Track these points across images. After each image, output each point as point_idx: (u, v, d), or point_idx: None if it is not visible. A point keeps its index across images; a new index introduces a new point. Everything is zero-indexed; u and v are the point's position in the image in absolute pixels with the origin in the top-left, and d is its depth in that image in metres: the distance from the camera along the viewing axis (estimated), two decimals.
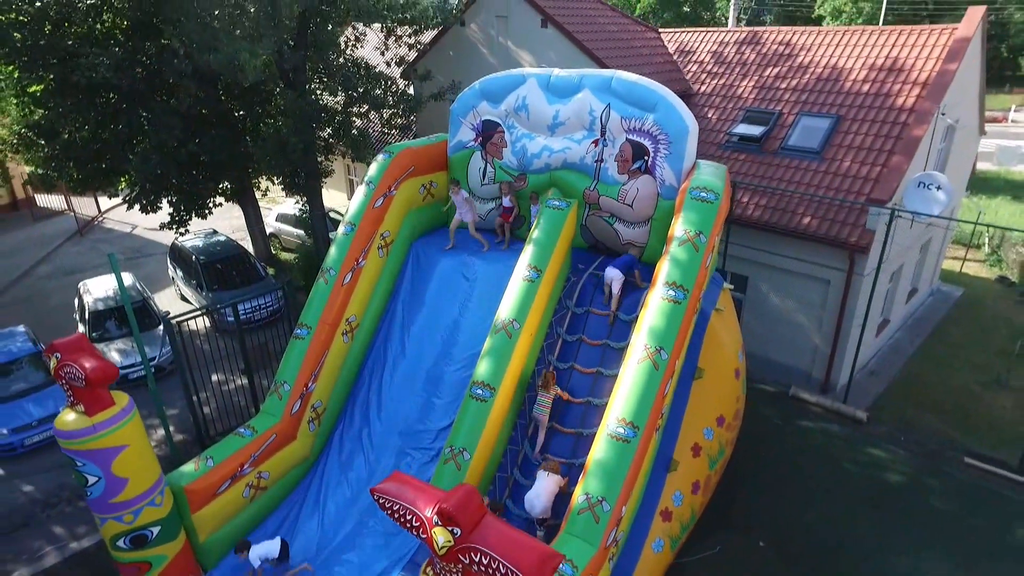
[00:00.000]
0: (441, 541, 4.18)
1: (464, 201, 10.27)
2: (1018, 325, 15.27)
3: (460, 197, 10.24)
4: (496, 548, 4.08)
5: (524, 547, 4.16)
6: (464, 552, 4.16)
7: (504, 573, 4.05)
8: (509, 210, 10.21)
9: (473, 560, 4.14)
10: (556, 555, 4.29)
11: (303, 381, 8.88)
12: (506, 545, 4.13)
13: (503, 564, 4.01)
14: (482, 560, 4.09)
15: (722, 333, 8.73)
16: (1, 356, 12.13)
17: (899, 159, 11.26)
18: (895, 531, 9.31)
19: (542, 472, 7.42)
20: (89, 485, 6.59)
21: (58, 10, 13.08)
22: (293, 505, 8.61)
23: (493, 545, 4.10)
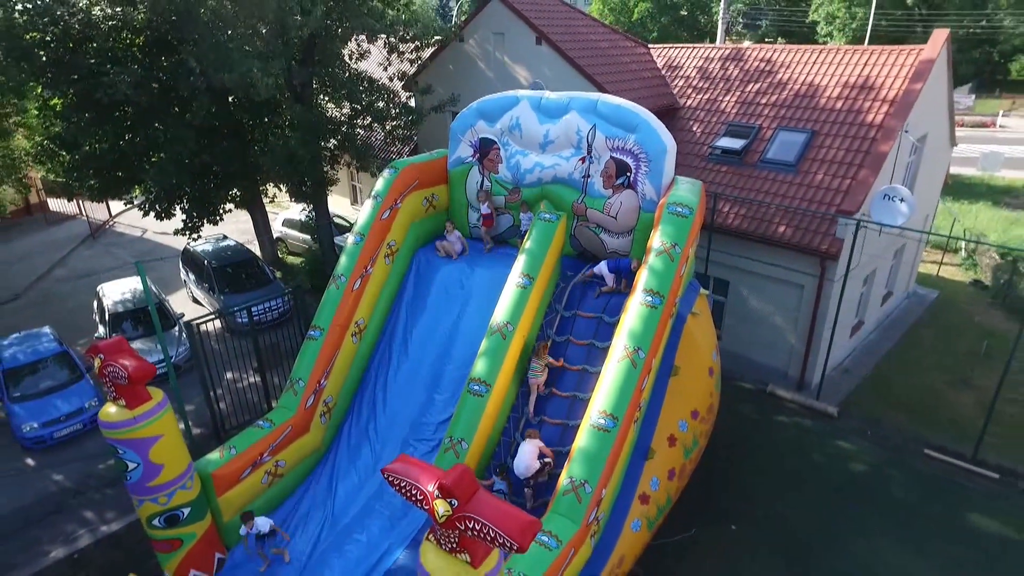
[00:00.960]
0: (441, 511, 5.02)
1: (457, 239, 11.14)
2: (987, 327, 16.13)
3: (454, 236, 11.13)
4: (487, 516, 4.92)
5: (510, 516, 5.00)
6: (460, 520, 4.99)
7: (493, 537, 4.88)
8: (489, 216, 11.14)
9: (468, 527, 4.97)
10: (536, 523, 5.13)
11: (316, 378, 9.73)
12: (495, 514, 4.97)
13: (493, 529, 4.85)
14: (475, 526, 4.93)
15: (697, 334, 9.59)
16: (30, 356, 12.99)
17: (866, 173, 12.12)
18: (858, 517, 10.17)
19: (524, 441, 8.39)
20: (129, 470, 7.43)
21: (80, 30, 13.90)
22: (307, 490, 9.47)
23: (484, 514, 4.94)
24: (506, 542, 4.82)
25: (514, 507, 5.18)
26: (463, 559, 5.19)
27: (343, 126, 16.35)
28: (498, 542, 4.87)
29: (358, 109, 16.17)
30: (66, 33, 13.77)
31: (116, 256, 22.37)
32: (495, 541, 4.89)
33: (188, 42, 13.59)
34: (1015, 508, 10.26)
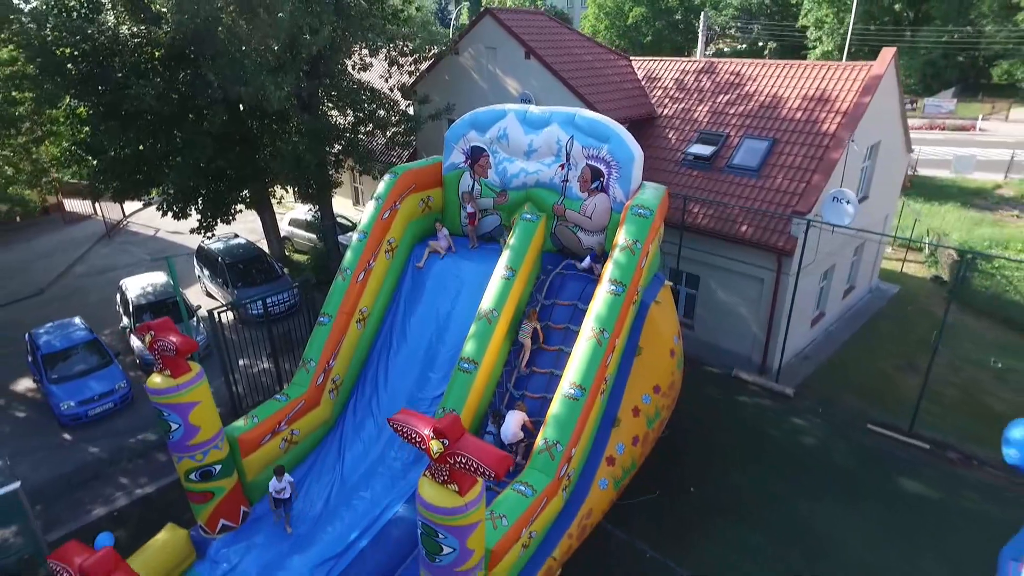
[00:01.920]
0: (435, 448, 6.35)
1: (444, 237, 12.47)
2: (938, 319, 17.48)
3: (442, 233, 12.46)
4: (470, 452, 6.27)
5: (488, 452, 6.35)
6: (450, 455, 6.33)
7: (475, 467, 6.23)
8: (472, 215, 12.51)
9: (456, 461, 6.31)
10: (508, 458, 6.48)
11: (325, 359, 11.07)
12: (476, 450, 6.32)
13: (474, 461, 6.20)
14: (461, 460, 6.27)
15: (660, 320, 10.95)
16: (64, 342, 14.34)
17: (819, 177, 13.50)
18: (803, 482, 11.55)
19: (511, 411, 9.75)
20: (172, 431, 8.78)
21: (108, 46, 15.24)
22: (319, 456, 10.82)
23: (468, 450, 6.29)
24: (485, 471, 6.19)
25: (491, 446, 6.55)
26: (452, 489, 6.56)
27: (347, 133, 17.70)
28: (479, 472, 6.24)
29: (361, 117, 17.53)
30: (95, 49, 15.10)
31: (132, 254, 23.71)
32: (477, 471, 6.26)
33: (206, 57, 14.94)
34: (940, 474, 11.64)
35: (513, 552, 8.22)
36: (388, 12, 17.04)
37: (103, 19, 15.15)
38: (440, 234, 12.52)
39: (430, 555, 6.83)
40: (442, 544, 6.66)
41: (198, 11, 13.94)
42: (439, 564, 6.83)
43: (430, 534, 6.69)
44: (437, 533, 6.63)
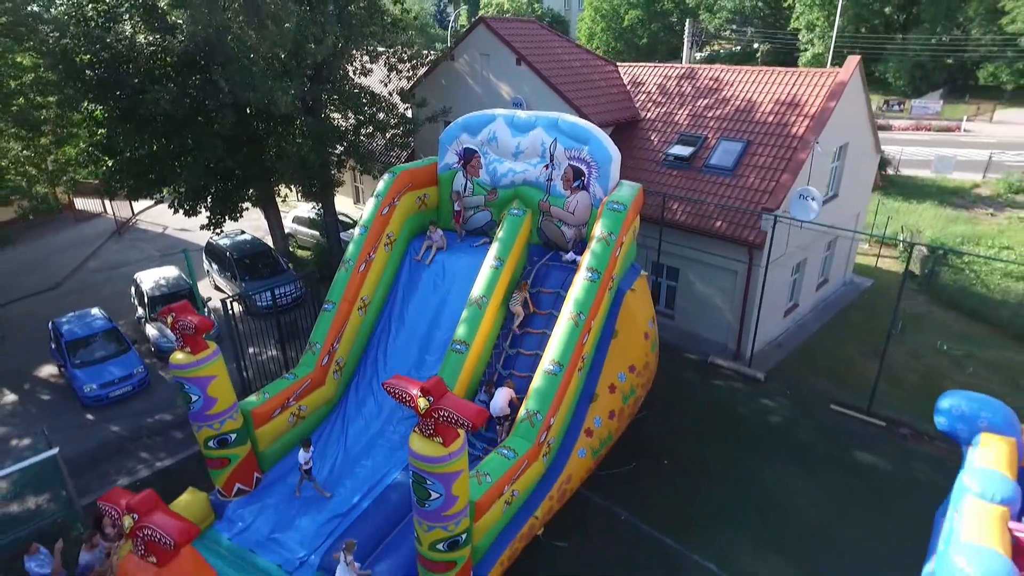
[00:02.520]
0: (422, 405, 7.39)
1: (440, 237, 13.48)
2: (910, 310, 18.54)
3: (437, 234, 13.45)
4: (452, 407, 7.32)
5: (466, 407, 7.40)
6: (435, 411, 7.38)
7: (456, 420, 7.28)
8: (458, 212, 13.64)
9: (440, 415, 7.36)
10: (484, 411, 7.55)
11: (330, 342, 12.12)
12: (457, 406, 7.37)
13: (455, 415, 7.25)
14: (444, 414, 7.32)
15: (635, 306, 12.00)
16: (86, 330, 15.38)
17: (787, 176, 14.54)
18: (769, 455, 12.58)
19: (500, 388, 10.79)
20: (192, 402, 9.81)
21: (125, 53, 16.26)
22: (324, 430, 11.86)
23: (450, 406, 7.34)
24: (464, 423, 7.26)
25: (470, 403, 7.62)
26: (437, 441, 7.60)
27: (348, 135, 18.73)
28: (460, 424, 7.31)
29: (362, 120, 18.56)
30: (113, 56, 16.13)
31: (142, 250, 24.76)
32: (458, 423, 7.33)
33: (217, 64, 15.96)
34: (893, 448, 12.67)
35: (496, 507, 9.28)
36: (387, 21, 18.10)
37: (120, 28, 16.19)
38: (434, 235, 13.48)
39: (420, 501, 7.87)
40: (430, 490, 7.71)
41: (210, 22, 14.96)
42: (428, 509, 7.88)
43: (420, 482, 7.74)
44: (426, 480, 7.68)
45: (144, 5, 16.27)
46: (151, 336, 16.62)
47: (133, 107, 16.35)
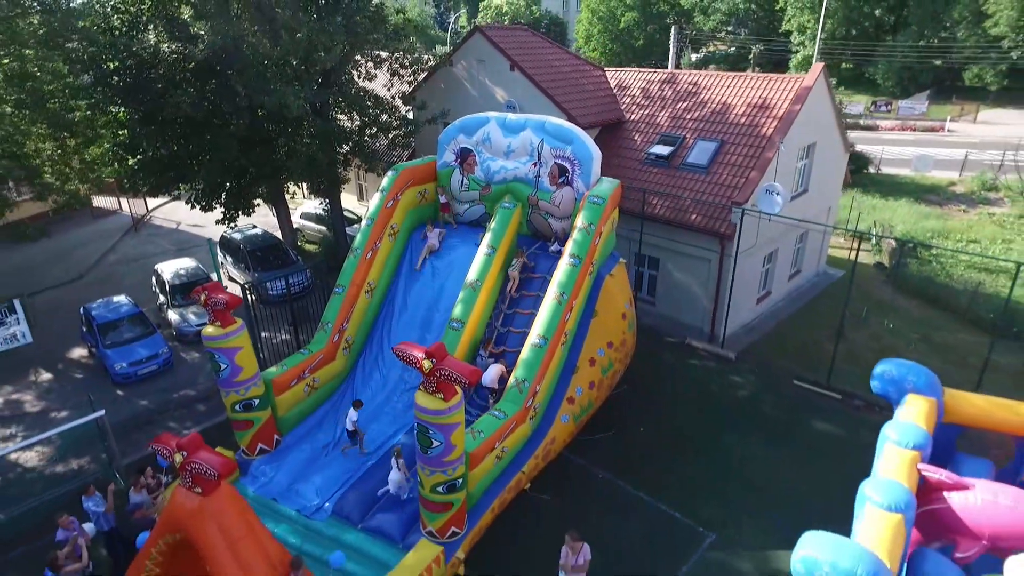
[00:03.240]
0: (426, 366, 8.79)
1: (436, 234, 14.74)
2: (876, 299, 19.95)
3: (434, 233, 14.71)
4: (451, 367, 8.73)
5: (463, 368, 8.80)
6: (437, 370, 8.78)
7: (454, 378, 8.68)
8: (446, 204, 15.05)
9: (441, 374, 8.76)
10: (478, 371, 8.96)
11: (340, 321, 13.51)
12: (455, 367, 8.77)
13: (454, 373, 8.65)
14: (445, 373, 8.73)
15: (614, 290, 13.39)
16: (114, 314, 16.79)
17: (755, 173, 15.92)
18: (735, 424, 13.96)
19: (493, 364, 12.19)
20: (221, 370, 11.20)
21: (149, 60, 17.63)
22: (335, 401, 13.26)
23: (450, 366, 8.74)
24: (462, 380, 8.67)
25: (466, 364, 9.03)
26: (439, 397, 9.00)
27: (354, 135, 20.12)
28: (457, 381, 8.72)
29: (366, 121, 19.95)
30: (139, 63, 17.52)
31: (157, 244, 26.17)
32: (455, 381, 8.73)
33: (234, 70, 17.34)
34: (846, 417, 14.07)
35: (488, 460, 10.68)
36: (390, 30, 19.50)
37: (145, 37, 17.57)
38: (432, 234, 14.82)
39: (424, 448, 9.27)
40: (432, 439, 9.11)
41: (228, 32, 16.36)
42: (431, 455, 9.27)
43: (424, 432, 9.13)
44: (429, 430, 9.08)
45: (166, 16, 17.67)
46: (173, 321, 18.01)
47: (156, 110, 17.71)
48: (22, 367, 16.78)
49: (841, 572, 6.94)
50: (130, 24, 17.87)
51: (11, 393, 15.98)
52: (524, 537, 10.99)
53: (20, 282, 21.57)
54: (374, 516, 10.60)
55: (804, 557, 7.26)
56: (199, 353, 17.51)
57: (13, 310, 14.19)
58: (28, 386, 16.22)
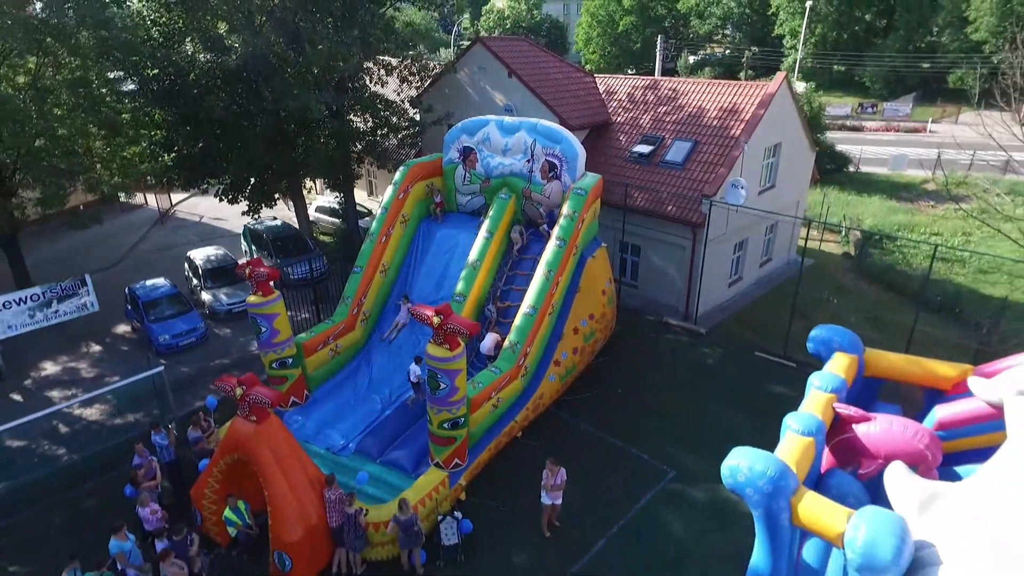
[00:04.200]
0: (436, 321, 10.90)
1: (406, 312, 15.19)
2: (840, 284, 22.03)
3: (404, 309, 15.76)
4: (455, 322, 10.86)
5: (465, 322, 10.94)
6: (444, 325, 10.91)
7: (458, 330, 10.82)
8: (440, 203, 17.23)
9: (448, 328, 10.89)
10: (476, 325, 11.09)
11: (359, 296, 15.62)
12: (459, 321, 10.91)
13: (458, 326, 10.78)
14: (451, 326, 10.86)
15: (595, 269, 15.51)
16: (156, 294, 18.91)
17: (723, 170, 18.01)
18: (701, 388, 16.04)
19: (490, 333, 14.29)
20: (262, 333, 13.33)
21: (186, 68, 19.76)
22: (355, 364, 15.39)
23: (455, 321, 10.88)
24: (464, 332, 10.80)
25: (467, 319, 11.17)
26: (445, 347, 11.12)
27: (367, 135, 22.25)
28: (461, 333, 10.84)
29: (378, 123, 22.07)
30: (176, 71, 19.65)
31: (183, 235, 28.32)
32: (459, 333, 10.86)
33: (262, 78, 19.46)
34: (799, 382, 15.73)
35: (485, 407, 12.80)
36: (400, 41, 21.65)
37: (182, 48, 19.71)
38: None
39: (433, 391, 11.38)
40: (440, 382, 11.22)
41: (258, 44, 18.48)
42: (439, 396, 11.38)
43: (433, 376, 11.25)
44: (438, 375, 11.19)
45: (200, 29, 19.81)
46: (206, 301, 20.16)
47: (190, 112, 19.85)
48: (76, 340, 18.94)
49: (755, 473, 8.99)
50: (166, 36, 20.06)
51: (67, 362, 18.14)
52: (516, 473, 13.08)
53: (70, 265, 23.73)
54: (390, 452, 12.73)
55: (729, 465, 9.30)
56: (230, 329, 19.68)
57: (84, 283, 16.32)
58: (82, 356, 18.39)
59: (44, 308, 15.49)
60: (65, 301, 15.88)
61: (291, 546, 10.29)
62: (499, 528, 11.86)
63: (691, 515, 12.22)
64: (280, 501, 10.26)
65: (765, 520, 9.11)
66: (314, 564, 10.68)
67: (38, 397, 16.34)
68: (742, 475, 9.13)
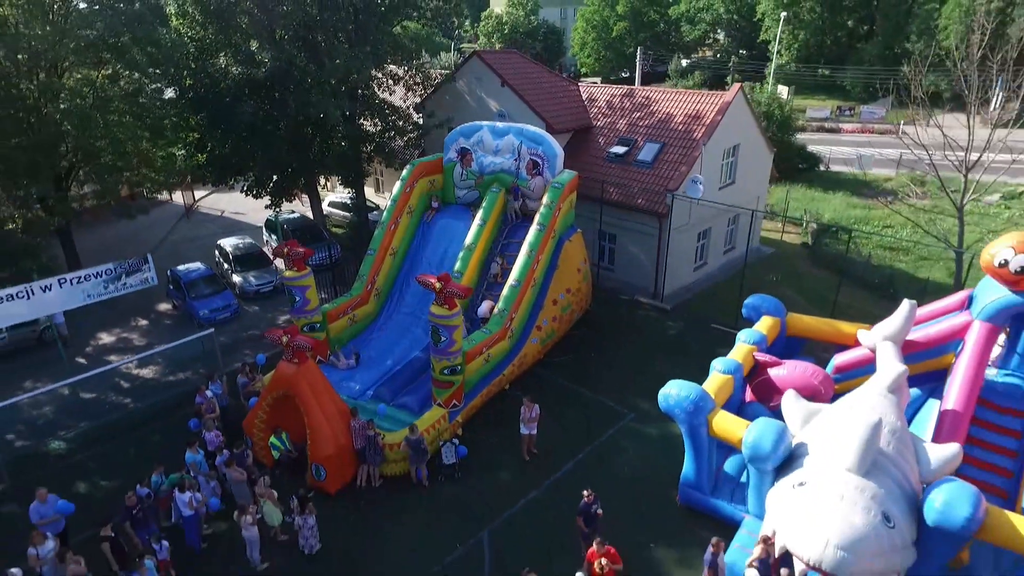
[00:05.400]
0: (438, 286, 13.78)
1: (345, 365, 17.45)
2: (794, 269, 24.90)
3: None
4: (453, 287, 13.74)
5: (460, 287, 13.85)
6: (444, 289, 13.76)
7: (456, 293, 13.71)
8: (436, 208, 20.04)
9: (447, 291, 13.76)
10: (469, 289, 13.99)
11: (372, 275, 18.51)
12: (455, 286, 13.79)
13: (455, 290, 13.65)
14: (449, 291, 13.73)
15: (571, 251, 18.42)
16: (195, 275, 21.84)
17: (684, 168, 20.90)
18: (662, 352, 18.91)
19: (485, 300, 17.20)
20: (296, 301, 16.22)
21: (219, 78, 22.64)
22: (370, 331, 18.29)
23: (453, 287, 13.75)
24: (459, 293, 13.73)
25: (463, 284, 14.08)
26: (445, 307, 14.02)
27: (376, 137, 25.14)
28: (458, 295, 13.77)
29: (386, 126, 24.97)
30: (212, 81, 22.55)
31: (207, 228, 31.24)
32: (456, 295, 13.78)
33: (286, 88, 22.33)
34: None
35: (478, 361, 15.67)
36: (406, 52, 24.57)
37: (217, 62, 22.63)
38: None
39: (435, 343, 14.27)
40: (441, 335, 14.11)
41: (283, 58, 21.36)
42: (440, 348, 14.27)
43: (435, 331, 14.14)
44: (439, 330, 14.08)
45: (232, 44, 22.70)
46: (237, 282, 23.08)
47: (222, 117, 22.74)
48: (125, 315, 21.86)
49: (681, 396, 11.96)
50: (201, 50, 22.98)
51: (119, 333, 21.06)
52: (503, 415, 15.94)
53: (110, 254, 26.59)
54: (400, 398, 15.62)
55: (664, 392, 12.30)
56: (257, 306, 22.60)
57: (146, 261, 19.23)
58: (132, 328, 21.32)
59: (115, 281, 18.37)
60: (132, 275, 18.77)
61: (325, 459, 13.20)
62: (488, 454, 14.77)
63: (643, 445, 15.12)
64: (317, 424, 13.17)
65: (689, 433, 12.14)
66: (341, 476, 13.58)
67: (99, 360, 19.23)
68: (672, 399, 12.16)
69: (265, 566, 11.95)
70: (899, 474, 10.17)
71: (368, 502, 13.50)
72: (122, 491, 12.32)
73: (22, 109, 17.73)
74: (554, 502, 13.34)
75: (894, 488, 9.88)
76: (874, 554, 9.15)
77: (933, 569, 9.89)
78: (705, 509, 12.60)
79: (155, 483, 12.43)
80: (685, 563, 11.80)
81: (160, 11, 20.79)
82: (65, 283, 17.23)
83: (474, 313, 17.62)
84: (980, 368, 11.60)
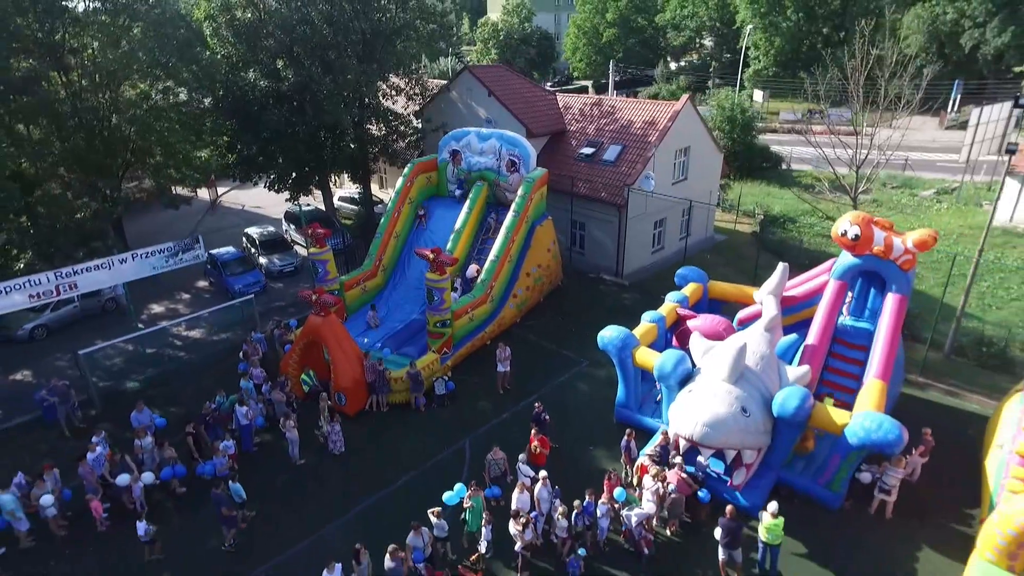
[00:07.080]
0: (431, 256, 17.82)
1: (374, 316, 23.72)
2: (741, 254, 28.96)
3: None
4: (444, 258, 17.79)
5: (449, 257, 17.92)
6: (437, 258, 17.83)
7: (446, 261, 17.77)
8: (423, 216, 24.06)
9: (439, 260, 17.82)
10: (455, 259, 18.04)
11: (380, 253, 22.59)
12: (445, 257, 17.85)
13: (446, 260, 17.72)
14: (440, 259, 17.78)
15: (542, 234, 22.52)
16: (228, 257, 25.98)
17: (640, 166, 24.98)
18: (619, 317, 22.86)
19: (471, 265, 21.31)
20: (319, 273, 20.28)
21: (248, 90, 26.69)
22: (377, 299, 22.38)
23: (442, 257, 17.81)
24: (448, 262, 17.87)
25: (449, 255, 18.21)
26: (437, 273, 18.12)
27: (381, 140, 29.22)
28: (447, 263, 17.89)
29: (390, 130, 29.06)
30: (241, 92, 26.62)
31: (230, 220, 35.34)
32: (446, 264, 17.90)
33: (305, 99, 26.38)
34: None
35: (464, 319, 19.76)
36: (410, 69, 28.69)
37: (246, 76, 26.71)
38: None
39: (429, 302, 18.37)
40: (434, 295, 18.20)
41: (304, 73, 25.43)
42: (434, 306, 18.36)
43: (430, 292, 18.23)
44: (432, 291, 18.17)
45: (259, 61, 26.78)
46: (263, 263, 27.20)
47: (251, 124, 26.79)
48: (170, 291, 25.97)
49: (612, 337, 16.06)
50: (231, 66, 27.07)
51: (167, 304, 25.18)
52: (483, 367, 19.95)
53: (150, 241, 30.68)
54: (402, 349, 19.70)
55: (601, 335, 16.39)
56: (281, 284, 26.69)
57: (198, 240, 23.32)
58: (177, 301, 25.42)
59: (173, 256, 22.45)
60: (187, 252, 22.84)
61: (345, 388, 17.29)
62: (471, 389, 18.86)
63: (593, 385, 19.21)
64: (339, 361, 17.25)
65: (619, 364, 16.23)
66: (357, 403, 17.66)
67: (154, 324, 23.31)
68: (606, 339, 16.27)
69: (302, 462, 16.03)
70: (762, 385, 14.26)
71: (378, 421, 17.59)
72: (187, 417, 16.45)
73: (95, 119, 21.80)
74: (519, 422, 17.40)
75: (755, 392, 13.96)
76: (730, 432, 13.23)
77: (784, 447, 13.96)
78: (633, 423, 16.66)
79: (219, 402, 16.53)
80: (615, 456, 15.87)
81: (201, 36, 24.88)
82: (137, 257, 21.30)
83: (464, 276, 21.74)
84: (831, 314, 15.69)
